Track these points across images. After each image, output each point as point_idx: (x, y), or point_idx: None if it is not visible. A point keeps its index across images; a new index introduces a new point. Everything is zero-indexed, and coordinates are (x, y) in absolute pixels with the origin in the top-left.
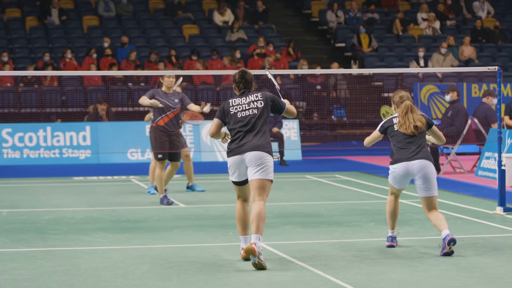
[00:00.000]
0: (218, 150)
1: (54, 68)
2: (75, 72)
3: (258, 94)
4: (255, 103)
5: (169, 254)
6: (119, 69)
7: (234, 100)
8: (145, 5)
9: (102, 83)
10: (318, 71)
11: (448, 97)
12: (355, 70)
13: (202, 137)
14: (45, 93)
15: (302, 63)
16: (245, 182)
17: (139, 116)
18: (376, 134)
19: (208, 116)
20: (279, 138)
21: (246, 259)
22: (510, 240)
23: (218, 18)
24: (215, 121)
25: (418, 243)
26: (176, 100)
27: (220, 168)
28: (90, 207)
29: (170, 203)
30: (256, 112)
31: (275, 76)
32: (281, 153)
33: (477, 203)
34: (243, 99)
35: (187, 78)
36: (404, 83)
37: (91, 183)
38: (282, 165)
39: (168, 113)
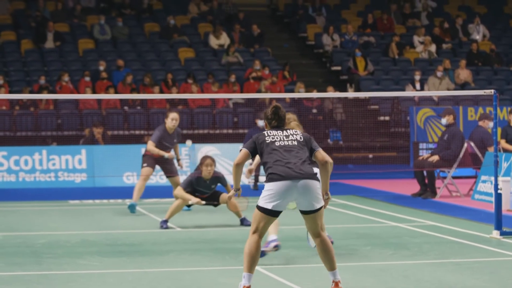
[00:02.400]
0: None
1: (50, 92)
2: (71, 95)
3: (297, 131)
4: (294, 136)
5: (165, 278)
6: (115, 92)
7: (270, 131)
8: (141, 28)
9: (98, 107)
10: (314, 94)
11: (444, 121)
12: (351, 94)
13: (198, 160)
14: (41, 116)
15: (299, 86)
16: (278, 214)
17: (134, 139)
18: None
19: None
20: None
21: None
22: (506, 264)
23: (213, 42)
24: (244, 151)
25: (415, 267)
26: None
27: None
28: (86, 231)
29: (165, 227)
30: (296, 144)
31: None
32: None
33: (473, 227)
34: (279, 132)
35: (182, 102)
36: (400, 106)
37: (86, 207)
38: None
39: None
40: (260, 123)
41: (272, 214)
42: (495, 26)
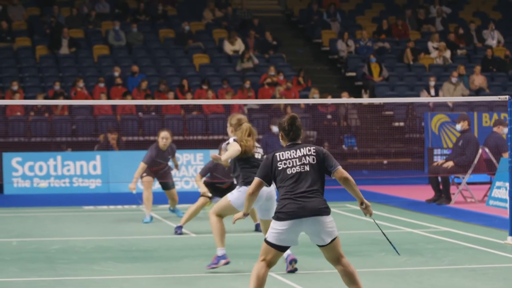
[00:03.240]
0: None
1: (65, 97)
2: (86, 101)
3: (312, 148)
4: (307, 158)
5: (179, 284)
6: (130, 98)
7: (282, 154)
8: (156, 34)
9: (113, 113)
10: (329, 100)
11: (459, 126)
12: (366, 100)
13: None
14: (56, 122)
15: (314, 92)
16: (286, 248)
17: (149, 145)
18: None
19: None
20: None
21: None
22: None
23: (228, 47)
24: (256, 180)
25: (429, 273)
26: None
27: None
28: (100, 237)
29: (180, 233)
30: (308, 169)
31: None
32: None
33: (488, 233)
34: (292, 152)
35: (197, 107)
36: (415, 112)
37: (101, 212)
38: None
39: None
40: (275, 129)
41: (281, 249)
42: (510, 32)
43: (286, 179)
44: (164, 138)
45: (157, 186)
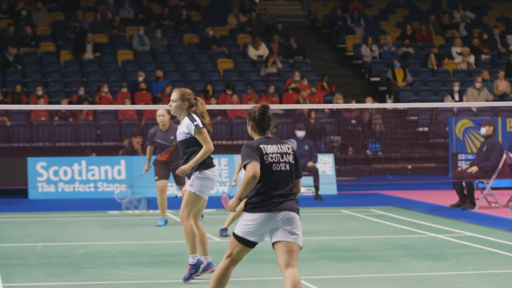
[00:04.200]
0: None
1: (89, 102)
2: (110, 106)
3: (288, 146)
4: (288, 156)
5: None
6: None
7: (267, 147)
8: (180, 39)
9: (137, 117)
10: (353, 105)
11: (483, 130)
12: (390, 105)
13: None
14: (80, 127)
15: (338, 97)
16: (253, 245)
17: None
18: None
19: None
20: (314, 173)
21: None
22: None
23: (252, 52)
24: (256, 164)
25: (453, 278)
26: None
27: None
28: (125, 241)
29: (225, 235)
30: (288, 169)
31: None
32: (316, 187)
33: None
34: (275, 148)
35: (221, 112)
36: (439, 117)
37: (126, 217)
38: (317, 200)
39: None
40: (299, 133)
41: (248, 244)
42: None
43: (269, 175)
44: (160, 115)
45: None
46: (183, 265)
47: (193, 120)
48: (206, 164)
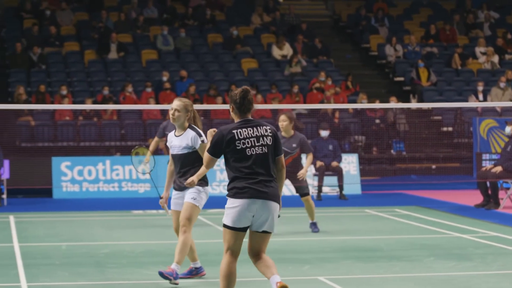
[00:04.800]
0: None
1: (114, 102)
2: (134, 106)
3: (267, 127)
4: (265, 139)
5: None
6: None
7: (240, 132)
8: (204, 39)
9: (162, 117)
10: (377, 105)
11: (508, 129)
12: (414, 104)
13: None
14: (104, 127)
15: (362, 97)
16: (245, 229)
17: None
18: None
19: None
20: (339, 172)
21: None
22: None
23: (276, 52)
24: (209, 157)
25: (478, 278)
26: (294, 145)
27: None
28: (150, 241)
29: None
30: (266, 151)
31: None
32: (340, 187)
33: None
34: (250, 131)
35: None
36: (463, 117)
37: (150, 217)
38: (341, 199)
39: None
40: (323, 133)
41: (238, 230)
42: None
43: (244, 160)
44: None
45: (217, 190)
46: (207, 264)
47: (199, 135)
48: (207, 181)
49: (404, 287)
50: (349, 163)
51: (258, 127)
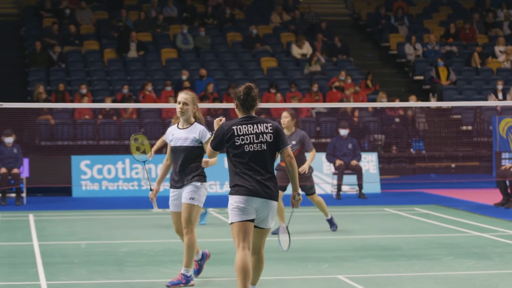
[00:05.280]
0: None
1: (133, 101)
2: (154, 104)
3: (269, 125)
4: (264, 136)
5: None
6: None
7: (240, 128)
8: (223, 38)
9: None
10: (397, 104)
11: None
12: (433, 103)
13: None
14: (124, 125)
15: (382, 95)
16: (252, 221)
17: None
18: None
19: None
20: (358, 171)
21: None
22: None
23: (296, 51)
24: (210, 150)
25: (497, 277)
26: (294, 142)
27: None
28: (169, 239)
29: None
30: (265, 148)
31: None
32: (360, 186)
33: None
34: (250, 128)
35: (265, 111)
36: (483, 116)
37: (169, 215)
38: (360, 198)
39: None
40: (343, 132)
41: (248, 221)
42: None
43: (242, 156)
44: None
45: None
46: (227, 263)
47: (208, 130)
48: (205, 176)
49: (423, 286)
50: (369, 162)
51: (259, 124)
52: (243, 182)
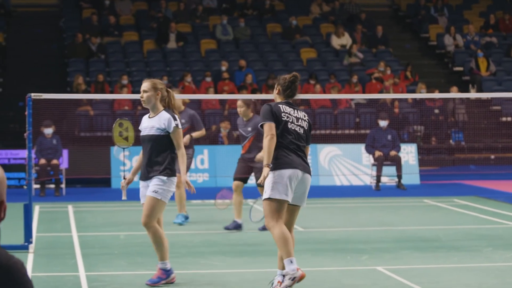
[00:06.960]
0: (336, 174)
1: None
2: (193, 95)
3: (305, 114)
4: (302, 122)
5: None
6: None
7: (284, 107)
8: (263, 29)
9: (220, 107)
10: (436, 95)
11: None
12: (473, 94)
13: (320, 161)
14: None
15: (421, 86)
16: (287, 201)
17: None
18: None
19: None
20: (397, 162)
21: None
22: None
23: (335, 42)
24: (272, 125)
25: None
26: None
27: (338, 192)
28: (208, 231)
29: None
30: (302, 132)
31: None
32: (399, 177)
33: None
34: (291, 110)
35: (304, 102)
36: None
37: (208, 207)
38: (399, 189)
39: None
40: (382, 123)
41: (285, 201)
42: None
43: (286, 133)
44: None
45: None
46: (266, 254)
47: (174, 118)
48: (174, 170)
49: (462, 277)
50: (408, 153)
51: (298, 111)
52: (290, 158)
